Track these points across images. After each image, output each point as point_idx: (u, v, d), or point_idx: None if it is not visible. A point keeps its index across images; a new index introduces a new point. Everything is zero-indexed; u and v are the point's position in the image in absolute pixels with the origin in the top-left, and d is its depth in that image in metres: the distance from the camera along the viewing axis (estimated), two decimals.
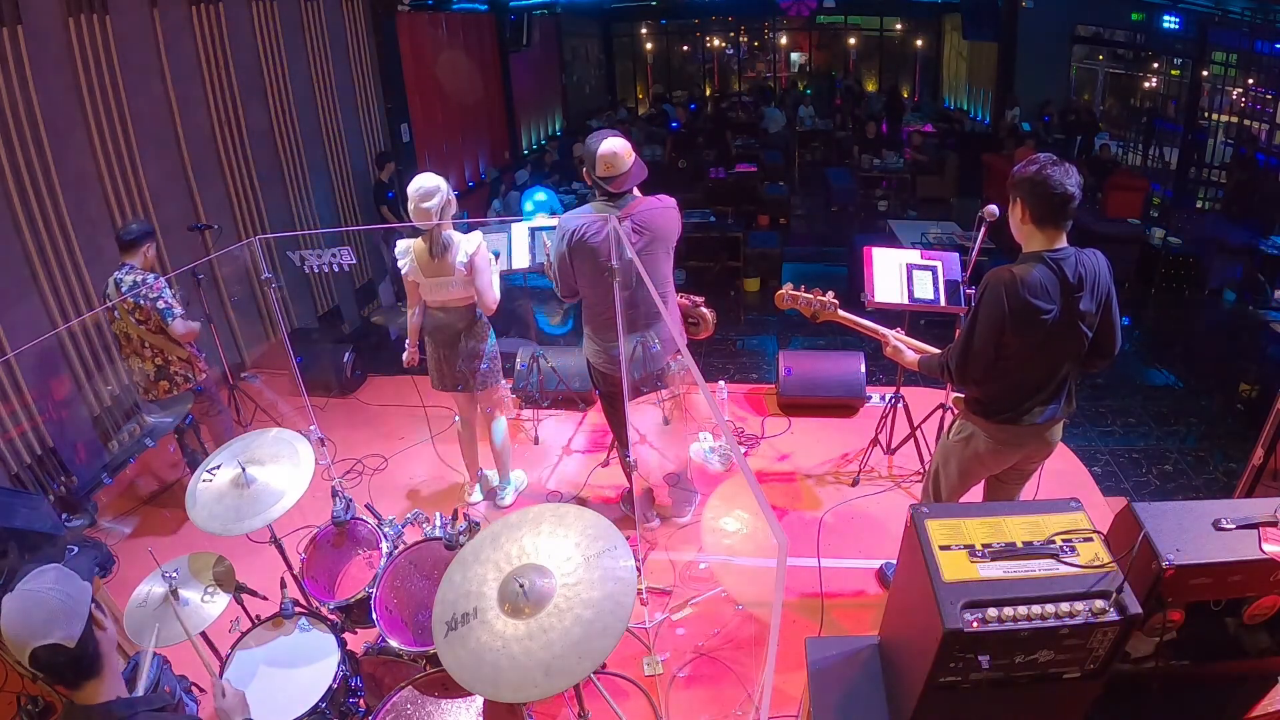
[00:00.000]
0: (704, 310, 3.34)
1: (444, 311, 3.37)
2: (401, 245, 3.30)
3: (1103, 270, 2.26)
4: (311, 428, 3.07)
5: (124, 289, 3.54)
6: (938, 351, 2.52)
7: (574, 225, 3.03)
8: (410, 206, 3.15)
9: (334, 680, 2.16)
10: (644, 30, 17.16)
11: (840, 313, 2.72)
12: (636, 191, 3.06)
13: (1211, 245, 7.32)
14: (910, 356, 2.58)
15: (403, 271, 3.31)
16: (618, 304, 2.82)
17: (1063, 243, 2.23)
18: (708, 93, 16.78)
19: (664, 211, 3.06)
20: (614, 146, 2.92)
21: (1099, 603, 1.43)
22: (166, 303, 3.56)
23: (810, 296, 2.72)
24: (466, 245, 3.23)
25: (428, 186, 3.13)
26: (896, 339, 2.66)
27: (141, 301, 3.54)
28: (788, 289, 2.75)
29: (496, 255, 3.47)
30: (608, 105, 15.66)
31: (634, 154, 2.99)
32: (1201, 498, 4.29)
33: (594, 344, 3.25)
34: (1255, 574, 1.50)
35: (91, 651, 1.44)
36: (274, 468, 2.41)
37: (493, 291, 3.31)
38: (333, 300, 6.99)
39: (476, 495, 3.92)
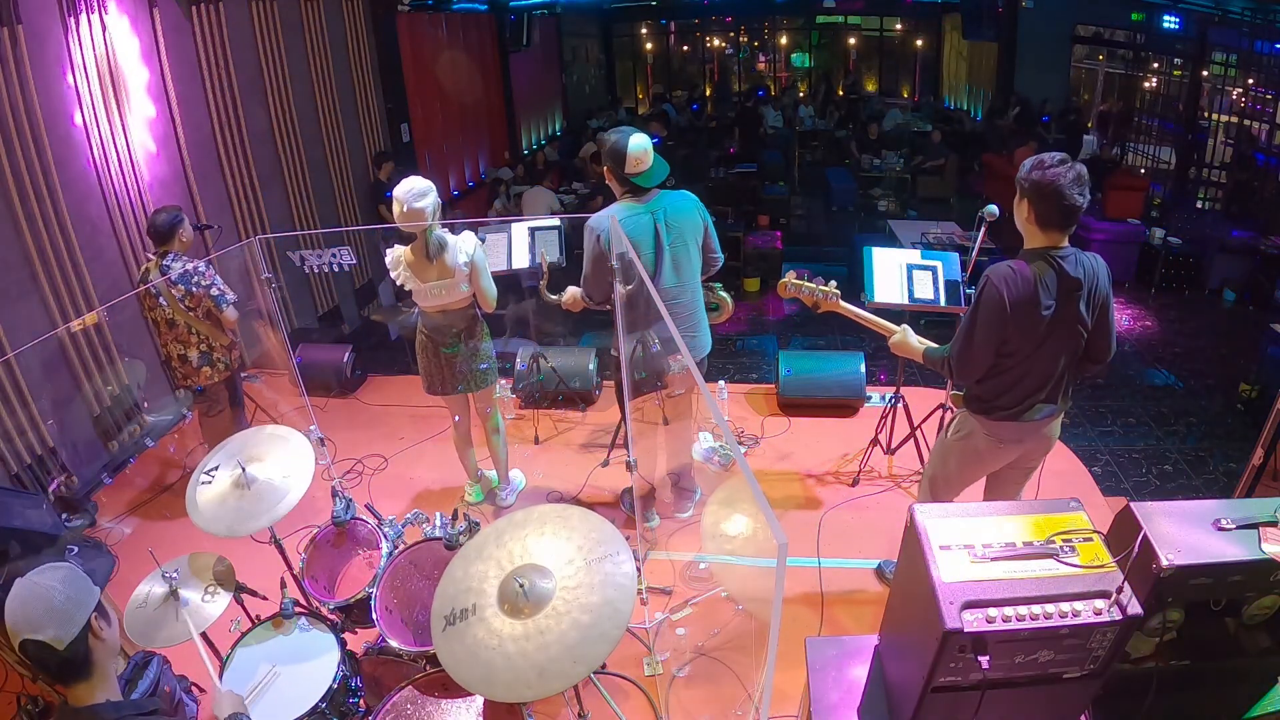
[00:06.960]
0: (723, 294, 3.50)
1: (443, 314, 3.35)
2: (390, 257, 3.25)
3: (1101, 274, 2.28)
4: (311, 428, 3.07)
5: (174, 276, 3.55)
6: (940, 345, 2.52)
7: (613, 217, 2.95)
8: (401, 209, 3.06)
9: (334, 680, 2.16)
10: (644, 30, 17.16)
11: (841, 304, 2.76)
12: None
13: (1211, 245, 7.32)
14: (917, 345, 2.56)
15: (398, 283, 3.28)
16: (617, 303, 2.81)
17: (1065, 244, 2.24)
18: (707, 93, 16.77)
19: (688, 204, 3.14)
20: (644, 143, 2.95)
21: (1099, 603, 1.43)
22: (220, 289, 3.61)
23: (813, 286, 2.78)
24: (464, 245, 3.21)
25: (420, 187, 3.09)
26: (904, 327, 2.63)
27: (193, 289, 3.58)
28: (790, 277, 2.81)
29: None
30: (608, 105, 15.63)
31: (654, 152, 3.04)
32: (1201, 498, 4.29)
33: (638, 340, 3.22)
34: (1255, 574, 1.50)
35: (81, 657, 1.44)
36: (273, 464, 2.41)
37: (494, 289, 3.34)
38: (333, 300, 6.99)
39: (475, 496, 3.92)
